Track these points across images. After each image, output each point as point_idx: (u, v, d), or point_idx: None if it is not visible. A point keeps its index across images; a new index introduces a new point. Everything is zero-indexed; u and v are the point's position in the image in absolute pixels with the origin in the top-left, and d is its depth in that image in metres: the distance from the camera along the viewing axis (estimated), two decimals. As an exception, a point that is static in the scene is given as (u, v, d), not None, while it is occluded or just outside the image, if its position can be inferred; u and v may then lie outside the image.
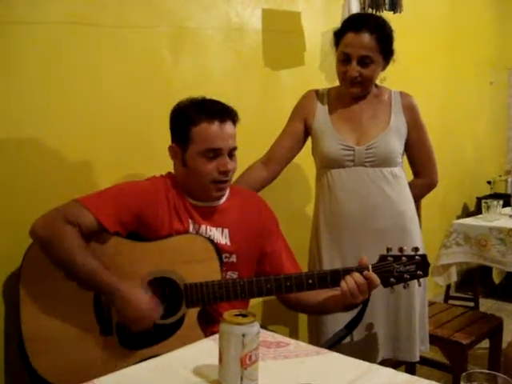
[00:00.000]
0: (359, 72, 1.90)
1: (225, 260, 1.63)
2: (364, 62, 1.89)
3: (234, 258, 1.66)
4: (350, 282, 1.52)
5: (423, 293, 2.06)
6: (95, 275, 1.45)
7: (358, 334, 1.95)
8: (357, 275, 1.52)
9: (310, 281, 1.55)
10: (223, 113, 1.60)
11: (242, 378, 1.02)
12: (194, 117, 1.58)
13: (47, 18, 1.76)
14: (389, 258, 1.55)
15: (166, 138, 1.68)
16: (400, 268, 1.54)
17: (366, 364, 1.19)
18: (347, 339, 1.86)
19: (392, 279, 1.55)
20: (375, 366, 1.18)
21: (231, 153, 1.62)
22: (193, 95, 1.66)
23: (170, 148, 1.66)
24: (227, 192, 1.70)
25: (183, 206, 1.63)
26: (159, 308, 1.50)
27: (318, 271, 1.62)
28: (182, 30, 2.20)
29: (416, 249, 1.56)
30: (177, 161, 1.64)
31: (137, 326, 1.47)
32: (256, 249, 1.72)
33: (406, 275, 1.55)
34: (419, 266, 1.55)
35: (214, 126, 1.57)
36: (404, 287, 1.58)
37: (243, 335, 1.01)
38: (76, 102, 1.85)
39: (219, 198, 1.67)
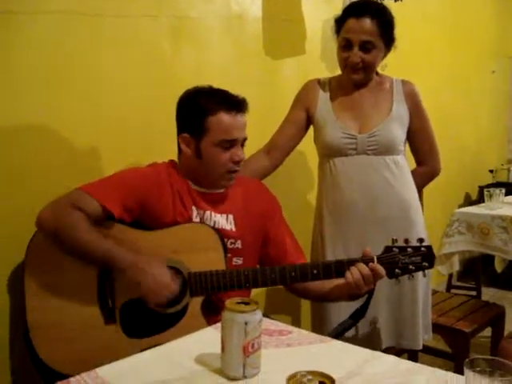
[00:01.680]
0: (361, 57, 1.90)
1: (230, 246, 1.63)
2: (366, 47, 1.89)
3: (239, 244, 1.66)
4: (355, 273, 1.51)
5: (427, 282, 2.05)
6: (111, 253, 1.45)
7: (362, 322, 1.93)
8: (362, 266, 1.51)
9: (315, 271, 1.55)
10: (239, 104, 1.61)
11: (244, 366, 1.02)
12: (211, 107, 1.58)
13: (48, 8, 1.75)
14: (394, 249, 1.54)
15: (167, 127, 1.68)
16: (405, 259, 1.54)
17: (369, 351, 1.19)
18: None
19: (397, 270, 1.54)
20: (378, 354, 1.18)
21: (242, 143, 1.64)
22: (194, 84, 1.66)
23: (182, 138, 1.64)
24: None
25: (187, 192, 1.64)
26: (177, 280, 1.48)
27: (322, 262, 1.62)
28: (182, 20, 2.18)
29: (421, 240, 1.55)
30: (189, 151, 1.63)
31: (156, 297, 1.45)
32: (260, 233, 1.73)
33: (411, 266, 1.54)
34: (425, 257, 1.54)
35: (231, 117, 1.58)
36: (409, 278, 1.57)
37: (245, 323, 1.01)
38: (77, 91, 1.85)
39: (229, 186, 1.68)
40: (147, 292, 1.45)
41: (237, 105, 1.60)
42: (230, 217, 1.66)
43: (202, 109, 1.59)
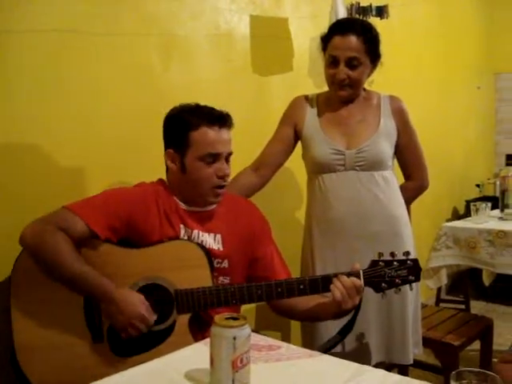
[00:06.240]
0: (347, 74, 1.92)
1: (217, 265, 1.63)
2: (352, 64, 1.91)
3: (226, 264, 1.66)
4: (339, 285, 1.51)
5: (416, 296, 2.06)
6: (87, 279, 1.45)
7: (352, 338, 1.94)
8: (344, 279, 1.52)
9: (302, 286, 1.55)
10: (222, 118, 1.62)
11: (233, 381, 1.02)
12: (194, 122, 1.59)
13: (39, 27, 1.76)
14: (380, 263, 1.54)
15: (157, 145, 1.68)
16: (391, 273, 1.53)
17: (358, 366, 1.19)
18: (341, 344, 1.86)
19: (383, 284, 1.54)
20: (367, 368, 1.19)
21: (227, 158, 1.64)
22: (183, 102, 1.67)
23: (168, 153, 1.65)
24: None
25: (175, 211, 1.63)
26: (152, 313, 1.48)
27: (309, 277, 1.62)
28: (171, 38, 2.21)
29: (407, 253, 1.56)
30: (174, 166, 1.64)
31: (130, 331, 1.46)
32: (247, 253, 1.72)
33: (397, 280, 1.54)
34: (411, 270, 1.54)
35: (214, 131, 1.59)
36: (395, 292, 1.57)
37: (234, 338, 1.01)
38: (68, 108, 1.85)
39: (215, 203, 1.67)
40: (123, 327, 1.46)
41: (220, 119, 1.61)
42: (218, 236, 1.66)
43: (185, 124, 1.60)
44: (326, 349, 1.63)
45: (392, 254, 1.55)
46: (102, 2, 1.94)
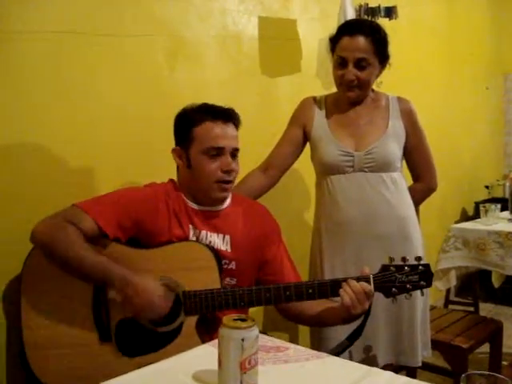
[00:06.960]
0: (356, 75, 1.91)
1: (224, 266, 1.63)
2: (360, 65, 1.90)
3: (233, 265, 1.66)
4: (348, 290, 1.49)
5: (425, 298, 2.04)
6: (104, 268, 1.44)
7: (360, 339, 1.91)
8: (354, 283, 1.50)
9: (310, 290, 1.53)
10: (226, 114, 1.63)
11: (241, 383, 1.02)
12: (198, 117, 1.61)
13: (46, 28, 1.77)
14: (391, 268, 1.52)
15: (164, 145, 1.69)
16: (402, 278, 1.51)
17: (365, 367, 1.19)
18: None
19: (394, 289, 1.51)
20: (375, 370, 1.18)
21: (234, 153, 1.64)
22: (190, 103, 1.68)
23: (174, 150, 1.67)
24: (229, 199, 1.70)
25: (184, 211, 1.64)
26: (170, 298, 1.47)
27: (317, 280, 1.60)
28: (178, 39, 2.21)
29: (419, 258, 1.53)
30: (181, 162, 1.65)
31: (149, 314, 1.44)
32: (256, 256, 1.72)
33: (408, 285, 1.51)
34: (422, 275, 1.52)
35: (217, 126, 1.60)
36: (406, 297, 1.55)
37: (242, 339, 1.01)
38: (74, 110, 1.86)
39: (222, 199, 1.67)
40: (139, 308, 1.44)
41: (223, 115, 1.62)
42: (227, 237, 1.66)
43: (189, 120, 1.63)
44: (335, 354, 1.62)
45: (403, 259, 1.52)
46: (108, 4, 1.95)
